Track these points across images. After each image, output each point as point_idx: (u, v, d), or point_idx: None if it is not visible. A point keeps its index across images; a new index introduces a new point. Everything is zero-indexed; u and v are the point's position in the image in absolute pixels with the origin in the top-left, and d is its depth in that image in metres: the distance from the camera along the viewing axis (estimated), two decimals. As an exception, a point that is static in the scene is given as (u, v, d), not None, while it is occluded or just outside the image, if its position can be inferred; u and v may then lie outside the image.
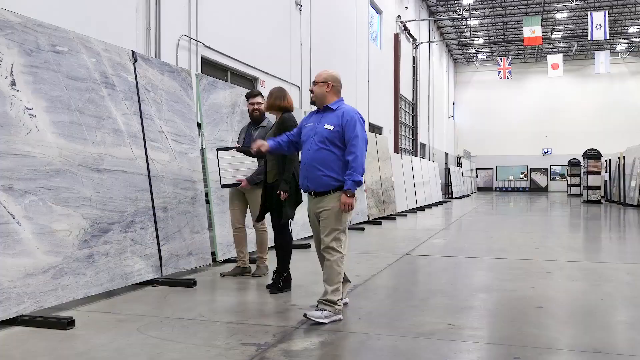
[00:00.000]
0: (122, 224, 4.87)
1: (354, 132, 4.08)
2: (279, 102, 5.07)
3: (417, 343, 3.50)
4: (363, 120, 4.26)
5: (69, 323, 3.77)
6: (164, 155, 5.57)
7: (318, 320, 3.86)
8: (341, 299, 4.04)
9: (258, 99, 5.69)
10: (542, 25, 30.19)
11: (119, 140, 4.98)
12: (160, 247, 5.31)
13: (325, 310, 3.92)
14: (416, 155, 29.74)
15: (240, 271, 5.72)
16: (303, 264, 6.74)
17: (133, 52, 5.39)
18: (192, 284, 5.17)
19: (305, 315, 3.92)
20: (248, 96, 5.78)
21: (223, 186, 5.65)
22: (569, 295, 5.01)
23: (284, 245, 5.09)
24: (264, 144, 4.45)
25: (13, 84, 4.02)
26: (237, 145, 5.71)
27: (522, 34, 31.54)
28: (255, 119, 5.72)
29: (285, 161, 4.86)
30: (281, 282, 5.01)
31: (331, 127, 4.12)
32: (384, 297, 4.96)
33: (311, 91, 4.35)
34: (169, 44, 9.75)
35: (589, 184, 23.95)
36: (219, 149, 5.68)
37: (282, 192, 4.83)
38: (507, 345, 3.47)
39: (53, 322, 3.81)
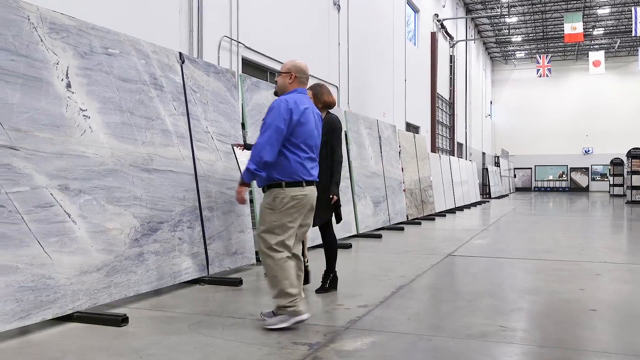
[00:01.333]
0: (170, 223, 4.95)
1: (266, 120, 3.83)
2: (324, 97, 4.98)
3: (469, 345, 3.46)
4: (291, 110, 3.83)
5: (122, 320, 3.85)
6: (209, 155, 5.64)
7: (271, 327, 3.72)
8: (294, 301, 3.73)
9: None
10: (583, 22, 29.53)
11: (167, 141, 5.07)
12: (206, 246, 5.37)
13: (280, 314, 3.75)
14: (453, 155, 29.42)
15: None
16: (347, 264, 6.75)
17: (180, 53, 5.47)
18: (238, 283, 5.22)
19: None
20: None
21: None
22: (622, 298, 4.89)
23: (331, 245, 5.07)
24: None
25: (68, 86, 4.12)
26: (241, 144, 5.66)
27: (562, 30, 30.90)
28: None
29: (333, 163, 4.86)
30: (328, 282, 5.01)
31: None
32: (430, 297, 4.92)
33: (276, 82, 4.20)
34: (211, 45, 9.87)
35: (633, 184, 23.32)
36: (233, 145, 5.62)
37: (333, 196, 4.84)
38: (562, 348, 3.40)
39: (107, 319, 3.89)
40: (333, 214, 5.07)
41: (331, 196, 4.87)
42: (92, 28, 4.44)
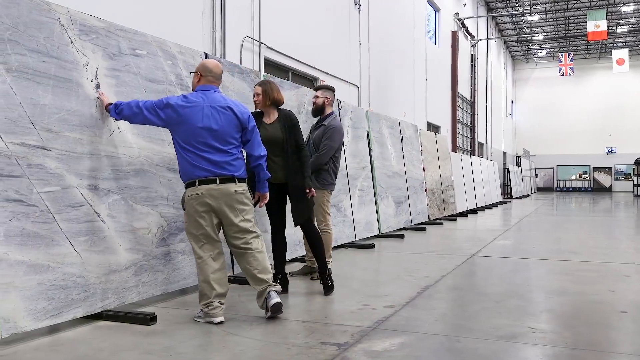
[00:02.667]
0: (196, 222, 4.97)
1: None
2: (274, 94, 4.83)
3: (499, 346, 3.43)
4: (174, 101, 3.93)
5: (151, 319, 3.88)
6: (234, 155, 5.65)
7: (194, 319, 3.99)
8: (209, 303, 3.91)
9: (316, 93, 5.66)
10: (607, 19, 29.13)
11: (193, 141, 5.08)
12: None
13: (201, 311, 4.00)
14: (474, 155, 29.21)
15: (308, 270, 5.74)
16: (370, 264, 6.74)
17: (206, 54, 5.50)
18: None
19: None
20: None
21: None
22: (652, 300, 4.81)
23: (317, 243, 4.99)
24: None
25: (98, 86, 4.16)
26: None
27: (585, 28, 30.55)
28: (313, 115, 5.76)
29: (302, 158, 4.82)
30: (329, 279, 4.94)
31: None
32: (457, 298, 4.89)
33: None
34: (233, 46, 9.92)
35: (658, 184, 22.94)
36: None
37: (310, 189, 4.80)
38: (594, 350, 3.36)
39: (136, 317, 3.93)
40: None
41: (307, 190, 4.80)
42: (120, 29, 4.49)
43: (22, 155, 3.56)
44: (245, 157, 4.31)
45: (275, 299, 3.95)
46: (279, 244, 5.00)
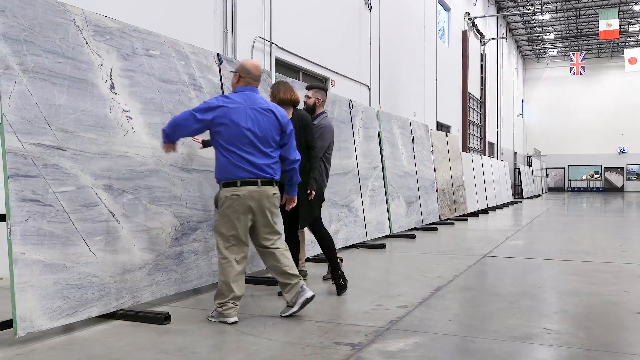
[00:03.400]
0: (208, 222, 4.99)
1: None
2: (280, 94, 4.84)
3: (514, 347, 3.41)
4: (209, 107, 3.92)
5: (165, 318, 3.90)
6: (247, 155, 5.66)
7: (208, 318, 4.00)
8: (224, 303, 3.92)
9: (308, 93, 5.56)
10: (618, 18, 28.91)
11: (206, 141, 5.10)
12: (244, 246, 5.40)
13: (215, 311, 3.99)
14: (484, 155, 29.09)
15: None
16: (382, 264, 6.73)
17: (218, 54, 5.51)
18: (275, 282, 5.23)
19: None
20: None
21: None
22: (668, 301, 4.77)
23: (327, 243, 4.98)
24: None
25: (112, 87, 4.19)
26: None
27: (597, 27, 30.36)
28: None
29: (311, 159, 4.80)
30: (341, 279, 4.92)
31: None
32: (470, 298, 4.86)
33: None
34: (245, 46, 9.93)
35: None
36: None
37: (311, 191, 4.76)
38: (610, 352, 3.33)
39: (151, 317, 3.94)
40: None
41: (309, 192, 4.78)
42: (134, 30, 4.51)
43: (38, 155, 3.59)
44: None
45: (309, 292, 4.05)
46: (293, 243, 5.00)
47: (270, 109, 4.09)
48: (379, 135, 9.31)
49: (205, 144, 4.81)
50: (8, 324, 3.47)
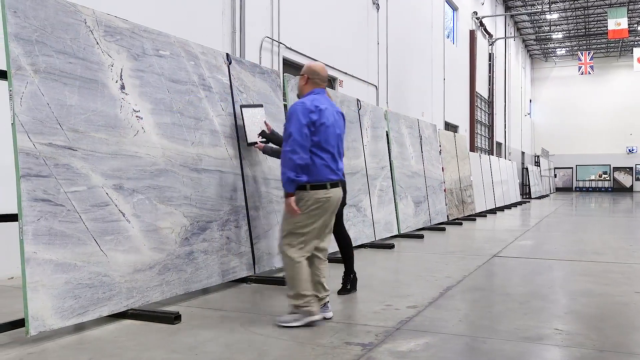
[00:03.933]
0: (218, 222, 5.00)
1: (287, 127, 3.83)
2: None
3: (525, 348, 3.40)
4: (309, 111, 3.82)
5: (175, 318, 3.91)
6: (255, 155, 5.67)
7: (284, 324, 3.82)
8: (308, 302, 3.82)
9: None
10: (627, 17, 28.73)
11: (215, 141, 5.12)
12: (253, 245, 5.41)
13: (295, 313, 3.87)
14: (492, 154, 29.01)
15: None
16: (391, 264, 6.71)
17: (227, 54, 5.52)
18: (285, 282, 5.22)
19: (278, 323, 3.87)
20: None
21: (249, 144, 5.47)
22: (680, 302, 4.73)
23: (347, 245, 5.02)
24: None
25: (122, 87, 4.20)
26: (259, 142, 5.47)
27: (605, 27, 30.18)
28: None
29: None
30: (349, 283, 4.96)
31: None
32: (480, 298, 4.85)
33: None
34: (253, 46, 9.94)
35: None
36: (242, 106, 5.43)
37: None
38: (623, 353, 3.31)
39: (161, 316, 3.96)
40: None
41: None
42: (144, 30, 4.52)
43: (50, 155, 3.60)
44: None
45: (330, 312, 4.06)
46: (347, 238, 5.07)
47: (340, 112, 4.18)
48: (387, 135, 9.29)
49: (266, 151, 4.87)
50: (20, 323, 3.49)
